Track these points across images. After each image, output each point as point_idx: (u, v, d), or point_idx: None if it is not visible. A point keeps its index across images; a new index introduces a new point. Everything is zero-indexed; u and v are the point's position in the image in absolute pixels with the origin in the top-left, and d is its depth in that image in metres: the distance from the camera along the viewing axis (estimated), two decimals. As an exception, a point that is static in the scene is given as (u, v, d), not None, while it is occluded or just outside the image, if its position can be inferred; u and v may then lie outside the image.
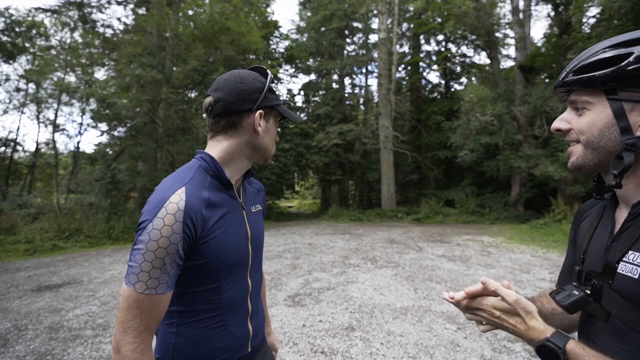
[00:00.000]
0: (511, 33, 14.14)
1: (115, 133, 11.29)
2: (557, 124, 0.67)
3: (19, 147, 15.53)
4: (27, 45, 13.00)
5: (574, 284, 0.65)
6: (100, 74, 13.70)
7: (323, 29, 18.26)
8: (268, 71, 0.88)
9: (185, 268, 0.73)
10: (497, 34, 14.79)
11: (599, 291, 0.60)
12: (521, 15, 12.71)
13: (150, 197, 0.73)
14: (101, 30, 12.97)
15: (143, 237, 0.68)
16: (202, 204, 0.73)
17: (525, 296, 0.68)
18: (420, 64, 19.07)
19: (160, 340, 0.79)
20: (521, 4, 12.79)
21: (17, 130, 15.31)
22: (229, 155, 0.82)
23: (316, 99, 19.62)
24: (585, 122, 0.61)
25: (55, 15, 12.32)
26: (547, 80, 12.49)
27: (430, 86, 20.80)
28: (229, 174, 0.82)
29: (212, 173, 0.80)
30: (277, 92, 0.88)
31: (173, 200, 0.69)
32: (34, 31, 12.85)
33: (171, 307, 0.76)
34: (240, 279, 0.83)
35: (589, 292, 0.60)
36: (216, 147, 0.82)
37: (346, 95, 19.57)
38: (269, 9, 16.20)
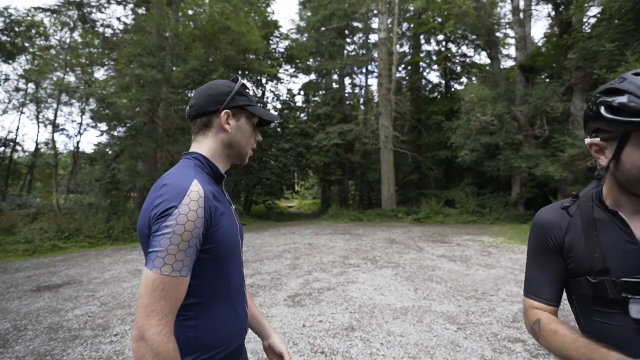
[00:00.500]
0: (511, 33, 14.13)
1: (115, 133, 11.28)
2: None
3: (18, 147, 15.52)
4: (26, 45, 12.98)
5: (635, 296, 0.65)
6: (100, 73, 13.70)
7: (323, 28, 18.25)
8: (240, 79, 0.97)
9: (202, 257, 0.77)
10: (498, 34, 14.78)
11: None
12: (521, 15, 12.70)
13: (164, 188, 0.75)
14: (101, 30, 12.97)
15: (169, 222, 0.70)
16: (211, 194, 0.80)
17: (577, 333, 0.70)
18: (421, 63, 19.07)
19: (177, 339, 0.77)
20: (521, 4, 12.78)
21: (17, 130, 15.28)
22: (212, 152, 0.90)
23: (316, 98, 19.62)
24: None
25: (54, 15, 12.31)
26: (547, 80, 12.48)
27: (430, 86, 20.81)
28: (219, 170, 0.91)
29: (207, 170, 0.87)
30: (248, 96, 0.95)
31: (193, 189, 0.75)
32: (33, 31, 12.83)
33: (187, 300, 0.76)
34: (238, 264, 0.92)
35: None
36: (200, 147, 0.90)
37: (346, 95, 19.56)
38: (268, 9, 16.18)
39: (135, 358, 0.66)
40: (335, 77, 19.56)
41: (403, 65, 19.84)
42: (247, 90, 0.95)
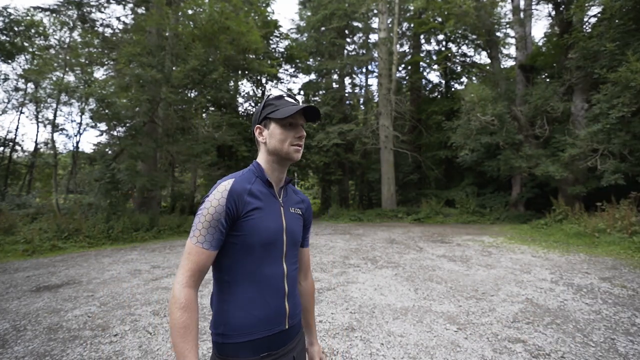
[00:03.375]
0: (512, 32, 14.12)
1: (115, 133, 11.26)
2: None
3: (17, 147, 15.52)
4: (26, 44, 12.97)
5: None
6: (100, 73, 13.67)
7: (323, 28, 18.23)
8: (271, 92, 1.10)
9: (231, 241, 0.97)
10: (498, 34, 14.76)
11: None
12: (522, 15, 12.68)
13: None
14: (100, 29, 12.94)
15: (201, 206, 0.95)
16: (245, 192, 0.99)
17: None
18: (421, 63, 19.05)
19: (216, 309, 0.99)
20: (522, 4, 12.77)
21: (16, 130, 15.21)
22: (263, 161, 1.08)
23: (316, 98, 19.60)
24: None
25: (54, 15, 12.29)
26: (547, 80, 12.47)
27: (430, 86, 20.79)
28: (268, 175, 1.07)
29: (257, 174, 1.06)
30: (274, 104, 1.06)
31: (223, 184, 0.98)
32: (32, 30, 12.83)
33: (223, 276, 0.99)
34: (276, 260, 1.02)
35: None
36: (259, 157, 1.11)
37: (346, 95, 19.55)
38: (268, 9, 16.18)
39: None
40: (335, 77, 19.54)
41: (403, 65, 19.83)
42: (273, 99, 1.07)
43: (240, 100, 17.70)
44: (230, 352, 0.95)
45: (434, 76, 23.21)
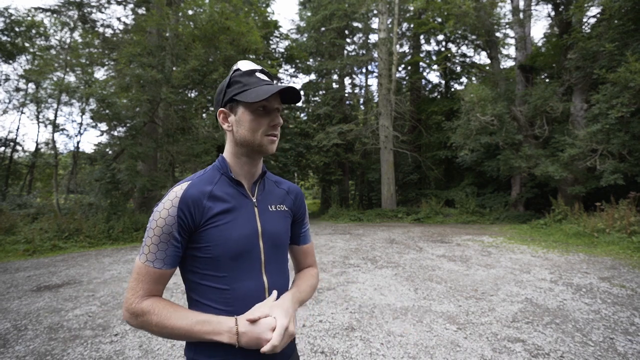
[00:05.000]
0: (511, 33, 14.13)
1: (115, 133, 11.27)
2: None
3: (18, 147, 15.53)
4: (26, 45, 13.00)
5: None
6: (100, 73, 13.70)
7: (323, 28, 18.25)
8: (236, 65, 0.89)
9: (194, 255, 0.81)
10: (498, 34, 14.77)
11: None
12: (521, 15, 12.70)
13: None
14: (101, 30, 12.96)
15: (150, 217, 0.80)
16: (203, 195, 0.82)
17: None
18: (421, 63, 19.06)
19: None
20: (521, 4, 12.78)
21: (17, 130, 15.30)
22: (230, 154, 0.90)
23: (316, 99, 19.62)
24: None
25: (54, 15, 12.31)
26: (547, 80, 12.49)
27: (430, 86, 20.80)
28: (235, 171, 0.89)
29: (222, 171, 0.89)
30: (242, 81, 0.84)
31: (174, 191, 0.81)
32: (33, 31, 12.85)
33: (191, 294, 0.84)
34: (252, 273, 0.84)
35: None
36: (225, 149, 0.92)
37: (346, 95, 19.55)
38: (268, 9, 16.19)
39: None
40: (335, 77, 19.56)
41: (403, 65, 19.84)
42: (242, 75, 0.85)
43: (240, 100, 17.66)
44: None
45: (433, 76, 23.29)
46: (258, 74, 0.86)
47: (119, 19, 13.98)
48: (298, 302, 0.89)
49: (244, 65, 0.88)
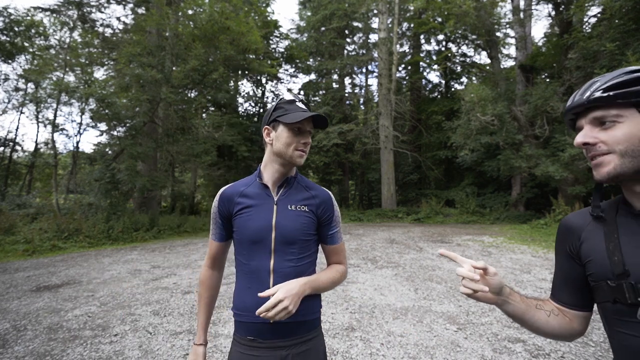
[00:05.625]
0: (512, 32, 14.12)
1: (115, 133, 11.26)
2: (583, 139, 0.71)
3: (18, 147, 15.51)
4: (26, 44, 12.97)
5: None
6: (100, 73, 13.68)
7: (323, 28, 18.24)
8: (283, 95, 1.16)
9: (233, 237, 1.14)
10: (498, 34, 14.77)
11: None
12: (522, 15, 12.69)
13: None
14: (100, 29, 12.95)
15: None
16: (237, 194, 1.13)
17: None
18: (421, 63, 19.05)
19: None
20: (522, 4, 12.78)
21: (16, 130, 15.21)
22: (265, 163, 1.16)
23: (316, 98, 19.60)
24: (622, 133, 0.67)
25: (54, 15, 12.29)
26: (547, 80, 12.47)
27: (430, 86, 20.79)
28: (266, 176, 1.15)
29: (256, 177, 1.16)
30: (285, 107, 1.11)
31: (220, 190, 1.18)
32: (33, 31, 12.82)
33: (235, 264, 1.14)
34: (263, 256, 1.08)
35: None
36: (264, 157, 1.17)
37: (346, 95, 19.55)
38: (268, 9, 16.19)
39: None
40: (335, 77, 19.55)
41: (403, 65, 19.83)
42: (285, 103, 1.12)
43: (240, 100, 17.72)
44: (235, 326, 1.12)
45: (434, 76, 23.23)
46: (297, 103, 1.13)
47: (118, 18, 13.98)
48: (311, 287, 1.06)
49: (287, 95, 1.26)
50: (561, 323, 0.81)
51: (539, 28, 62.12)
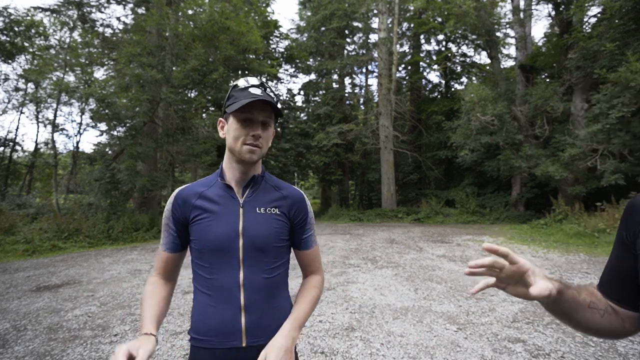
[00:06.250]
0: (512, 32, 14.12)
1: (115, 133, 11.26)
2: None
3: (18, 147, 15.51)
4: (26, 44, 12.97)
5: None
6: (100, 73, 13.68)
7: (323, 28, 18.24)
8: (236, 81, 0.99)
9: (190, 246, 0.98)
10: (498, 34, 14.76)
11: None
12: (522, 15, 12.69)
13: None
14: (100, 29, 12.94)
15: None
16: (194, 195, 0.97)
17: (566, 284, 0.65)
18: (421, 63, 19.05)
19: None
20: (522, 4, 12.77)
21: (16, 130, 15.21)
22: (225, 160, 1.01)
23: (316, 98, 19.61)
24: None
25: (54, 15, 12.29)
26: (547, 80, 12.48)
27: (430, 86, 20.79)
28: (227, 176, 1.00)
29: (218, 176, 1.01)
30: (236, 94, 0.95)
31: (175, 191, 1.01)
32: (33, 31, 12.82)
33: (193, 279, 0.99)
34: (229, 268, 0.93)
35: None
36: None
37: (346, 95, 19.55)
38: (268, 9, 16.19)
39: None
40: (335, 77, 19.55)
41: (403, 65, 19.83)
42: (237, 90, 0.95)
43: (240, 100, 17.67)
44: (193, 353, 0.93)
45: (434, 76, 23.23)
46: (251, 89, 0.94)
47: (118, 18, 13.97)
48: (298, 329, 0.91)
49: (241, 82, 0.98)
50: (613, 323, 0.67)
51: (539, 28, 62.22)
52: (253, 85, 0.95)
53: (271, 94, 0.99)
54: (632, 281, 0.63)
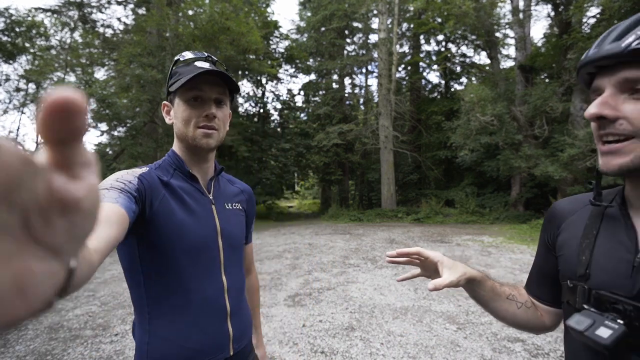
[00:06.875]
0: (511, 33, 14.14)
1: (115, 133, 11.28)
2: (599, 109, 0.49)
3: (18, 147, 15.51)
4: (27, 45, 12.97)
5: (590, 308, 0.53)
6: (100, 74, 13.69)
7: (323, 28, 18.25)
8: (179, 55, 0.85)
9: (147, 250, 0.72)
10: (497, 34, 14.79)
11: (634, 320, 0.47)
12: (521, 15, 12.70)
13: None
14: (101, 30, 12.97)
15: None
16: (161, 182, 0.76)
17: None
18: (420, 64, 19.07)
19: (137, 341, 0.76)
20: (521, 4, 12.79)
21: (17, 130, 15.23)
22: (177, 147, 0.84)
23: (316, 99, 19.62)
24: None
25: (55, 15, 12.31)
26: (547, 80, 12.49)
27: (430, 86, 20.79)
28: (190, 166, 0.84)
29: (174, 166, 0.83)
30: (179, 71, 0.80)
31: (138, 168, 0.77)
32: (34, 31, 12.81)
33: (142, 298, 0.74)
34: (211, 272, 0.79)
35: (621, 322, 0.48)
36: (173, 144, 0.88)
37: (346, 95, 19.56)
38: (268, 9, 16.20)
39: None
40: (335, 77, 19.56)
41: (403, 65, 19.84)
42: (181, 65, 0.81)
43: (241, 100, 17.72)
44: None
45: (433, 76, 23.31)
46: (197, 63, 0.79)
47: (119, 19, 14.01)
48: (261, 333, 1.06)
49: (186, 54, 0.83)
50: (530, 316, 0.73)
51: (539, 28, 62.29)
52: (199, 59, 0.81)
53: (222, 67, 0.84)
54: (552, 279, 0.69)
